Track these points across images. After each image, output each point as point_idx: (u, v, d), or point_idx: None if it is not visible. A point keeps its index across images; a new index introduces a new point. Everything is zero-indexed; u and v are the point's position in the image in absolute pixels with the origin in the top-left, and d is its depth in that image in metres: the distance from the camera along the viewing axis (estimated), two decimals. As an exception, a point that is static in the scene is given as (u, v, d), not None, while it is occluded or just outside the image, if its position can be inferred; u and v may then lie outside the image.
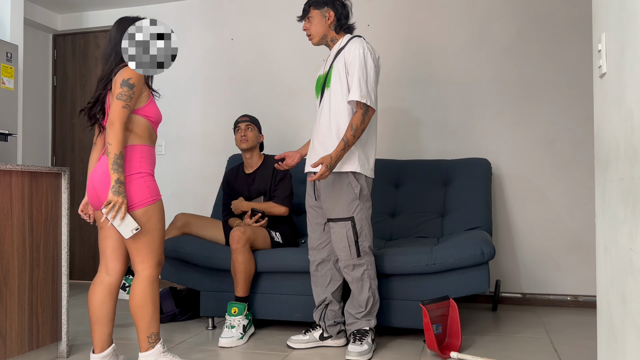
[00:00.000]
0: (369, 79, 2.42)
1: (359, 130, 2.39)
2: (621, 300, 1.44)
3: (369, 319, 2.58)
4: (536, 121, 3.75)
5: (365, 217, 2.54)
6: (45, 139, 4.82)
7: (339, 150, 2.36)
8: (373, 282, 2.56)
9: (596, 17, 1.71)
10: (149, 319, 2.22)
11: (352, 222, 2.48)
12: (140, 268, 2.21)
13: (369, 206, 2.56)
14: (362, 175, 2.50)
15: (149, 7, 4.58)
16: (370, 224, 2.59)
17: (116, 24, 2.30)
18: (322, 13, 2.55)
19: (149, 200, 2.18)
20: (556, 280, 3.68)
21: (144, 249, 2.20)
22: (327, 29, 2.56)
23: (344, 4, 2.57)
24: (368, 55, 2.44)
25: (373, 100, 2.43)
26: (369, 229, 2.56)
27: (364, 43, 2.46)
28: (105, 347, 2.29)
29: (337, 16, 2.55)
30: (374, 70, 2.45)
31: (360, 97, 2.38)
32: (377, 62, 2.50)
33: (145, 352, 2.23)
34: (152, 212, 2.19)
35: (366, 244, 2.54)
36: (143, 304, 2.20)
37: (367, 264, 2.55)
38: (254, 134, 3.24)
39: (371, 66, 2.43)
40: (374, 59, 2.47)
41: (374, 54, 2.49)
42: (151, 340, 2.23)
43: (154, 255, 2.22)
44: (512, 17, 3.81)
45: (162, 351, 2.25)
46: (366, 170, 2.51)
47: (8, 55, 3.62)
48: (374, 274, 2.58)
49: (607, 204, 1.57)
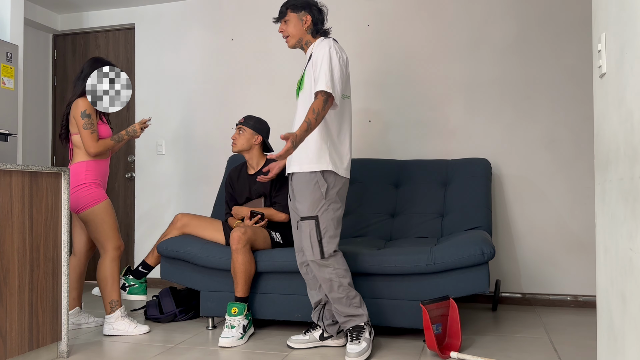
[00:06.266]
0: (334, 73, 2.42)
1: (321, 115, 2.37)
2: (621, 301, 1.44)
3: (356, 314, 2.53)
4: (536, 121, 3.75)
5: (332, 218, 2.49)
6: (45, 139, 4.82)
7: (302, 131, 2.34)
8: (344, 279, 2.50)
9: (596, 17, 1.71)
10: (109, 289, 2.98)
11: (316, 221, 2.45)
12: (102, 252, 2.99)
13: (337, 207, 2.51)
14: (333, 173, 2.48)
15: (149, 7, 4.58)
16: (338, 226, 2.52)
17: (90, 61, 3.02)
18: (299, 17, 2.57)
19: (93, 203, 2.92)
20: (556, 280, 3.68)
21: (101, 238, 2.96)
22: (304, 33, 2.59)
23: (320, 10, 2.61)
24: (334, 53, 2.46)
25: (337, 94, 2.41)
26: (334, 231, 2.49)
27: (330, 43, 2.50)
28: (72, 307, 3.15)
29: (313, 21, 2.58)
30: (339, 68, 2.45)
31: (326, 87, 2.37)
32: (343, 62, 2.49)
33: (108, 315, 2.99)
34: (98, 211, 2.93)
35: (331, 247, 2.48)
36: (104, 277, 2.98)
37: (334, 263, 2.50)
38: (245, 137, 3.20)
39: (336, 63, 2.44)
40: (340, 57, 2.47)
41: (341, 54, 2.50)
42: (112, 305, 2.99)
43: (111, 241, 2.97)
44: (512, 17, 3.81)
45: (120, 315, 2.99)
46: (338, 169, 2.49)
47: (8, 55, 3.62)
48: (344, 272, 2.52)
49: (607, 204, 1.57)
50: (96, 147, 2.91)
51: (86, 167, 2.95)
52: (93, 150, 2.91)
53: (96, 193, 2.94)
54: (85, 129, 2.90)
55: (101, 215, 2.94)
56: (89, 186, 2.93)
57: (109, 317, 2.98)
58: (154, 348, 2.73)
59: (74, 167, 2.95)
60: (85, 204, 2.92)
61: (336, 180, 2.50)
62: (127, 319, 3.00)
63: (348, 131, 2.57)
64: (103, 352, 2.66)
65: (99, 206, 2.93)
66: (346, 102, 2.57)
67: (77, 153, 2.98)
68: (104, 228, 2.95)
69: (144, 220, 4.54)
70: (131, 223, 4.64)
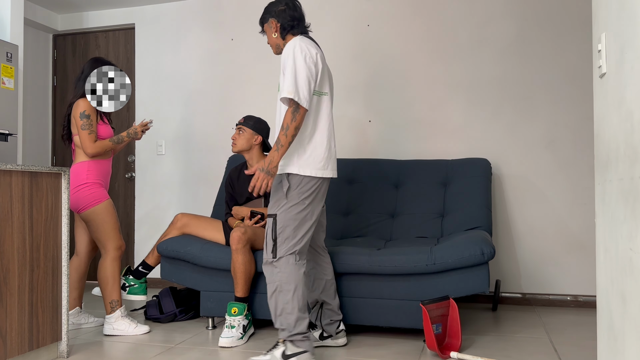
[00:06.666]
0: (298, 75, 2.32)
1: (291, 129, 2.31)
2: (621, 301, 1.44)
3: (280, 326, 2.36)
4: (536, 121, 3.75)
5: (292, 219, 2.36)
6: (45, 139, 4.82)
7: (272, 152, 2.33)
8: (282, 294, 2.33)
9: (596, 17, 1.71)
10: (109, 289, 2.99)
11: (274, 219, 2.39)
12: (103, 252, 2.99)
13: (300, 210, 2.37)
14: (297, 175, 2.39)
15: (149, 7, 4.58)
16: (299, 229, 2.37)
17: (91, 62, 3.03)
18: (269, 25, 2.54)
19: (94, 203, 2.93)
20: (556, 280, 3.68)
21: (102, 238, 2.97)
22: (277, 39, 2.54)
23: (284, 9, 2.52)
24: (297, 52, 2.36)
25: (303, 96, 2.31)
26: (292, 233, 2.36)
27: (295, 42, 2.40)
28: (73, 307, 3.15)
29: (280, 22, 2.51)
30: (305, 68, 2.34)
31: (287, 93, 2.30)
32: (311, 59, 2.37)
33: (108, 315, 2.99)
34: (99, 211, 2.94)
35: (285, 250, 2.35)
36: (105, 277, 2.98)
37: (283, 272, 2.35)
38: (244, 137, 3.19)
39: (300, 64, 2.34)
40: (306, 55, 2.36)
41: (308, 50, 2.38)
42: (112, 305, 2.99)
43: (111, 241, 2.97)
44: (512, 17, 3.81)
45: (121, 315, 2.99)
46: (305, 170, 2.38)
47: (8, 55, 3.62)
48: (288, 287, 2.33)
49: (607, 204, 1.57)
50: (93, 148, 2.92)
51: (87, 167, 2.96)
52: (90, 151, 2.92)
53: (97, 193, 2.95)
54: (83, 130, 2.91)
55: (102, 215, 2.95)
56: (90, 186, 2.94)
57: (109, 317, 2.99)
58: (154, 348, 2.73)
59: (76, 167, 2.96)
60: (86, 204, 2.93)
61: (302, 182, 2.38)
62: (128, 319, 3.01)
63: (326, 129, 2.45)
64: (103, 352, 2.66)
65: (100, 206, 2.94)
66: (323, 100, 2.46)
67: (79, 153, 2.99)
68: (105, 228, 2.96)
69: (144, 221, 4.54)
70: (131, 223, 4.64)
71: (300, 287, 2.35)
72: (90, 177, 2.96)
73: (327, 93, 2.48)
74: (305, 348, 2.34)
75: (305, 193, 2.39)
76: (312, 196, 2.41)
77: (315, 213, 2.43)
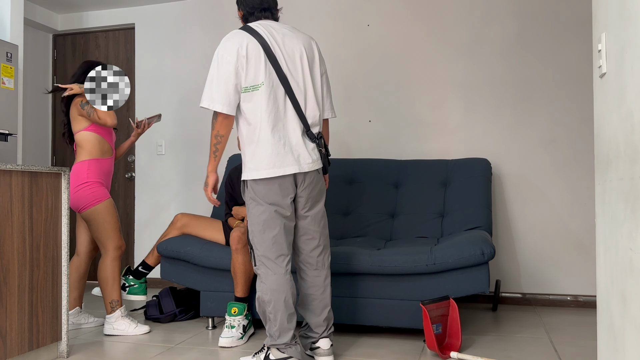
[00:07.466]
0: (213, 78, 2.25)
1: (211, 137, 2.31)
2: (621, 300, 1.44)
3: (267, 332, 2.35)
4: (536, 121, 3.75)
5: (255, 223, 2.29)
6: (45, 139, 4.82)
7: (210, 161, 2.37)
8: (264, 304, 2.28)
9: (596, 17, 1.71)
10: (109, 288, 2.99)
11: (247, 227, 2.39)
12: (103, 251, 3.00)
13: (261, 211, 2.27)
14: (247, 181, 2.31)
15: (149, 7, 4.58)
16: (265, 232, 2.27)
17: (83, 65, 3.06)
18: (239, 16, 2.49)
19: (94, 202, 2.93)
20: (556, 280, 3.68)
21: (102, 238, 2.97)
22: None
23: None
24: (218, 51, 2.27)
25: (220, 100, 2.22)
26: (260, 236, 2.28)
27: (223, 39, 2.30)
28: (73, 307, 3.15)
29: (243, 12, 2.43)
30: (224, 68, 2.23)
31: (201, 102, 2.27)
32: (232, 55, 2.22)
33: (108, 315, 3.00)
34: (100, 210, 2.94)
35: (259, 252, 2.29)
36: (105, 276, 2.98)
37: (263, 282, 2.28)
38: None
39: (216, 64, 2.25)
40: (220, 58, 2.24)
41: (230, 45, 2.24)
42: (113, 305, 2.99)
43: (112, 241, 2.98)
44: (512, 17, 3.81)
45: (121, 315, 2.99)
46: (252, 174, 2.27)
47: (8, 55, 3.62)
48: (266, 297, 2.27)
49: (607, 204, 1.57)
50: (112, 116, 2.94)
51: (88, 166, 2.96)
52: (110, 121, 2.94)
53: (98, 192, 2.95)
54: (92, 111, 2.93)
55: (103, 214, 2.95)
56: (90, 185, 2.94)
57: (109, 317, 3.00)
58: (154, 348, 2.73)
59: (76, 166, 2.97)
60: (86, 203, 2.93)
61: (252, 186, 2.29)
62: (128, 319, 3.02)
63: (268, 124, 2.23)
64: (103, 352, 2.66)
65: (100, 205, 2.94)
66: (257, 94, 2.24)
67: (80, 152, 2.99)
68: (105, 227, 2.96)
69: (143, 221, 4.54)
70: (131, 223, 4.64)
71: (280, 297, 2.25)
72: (91, 176, 2.96)
73: (261, 84, 2.24)
74: (290, 354, 2.28)
75: (258, 196, 2.28)
76: (267, 198, 2.26)
77: (281, 214, 2.28)
